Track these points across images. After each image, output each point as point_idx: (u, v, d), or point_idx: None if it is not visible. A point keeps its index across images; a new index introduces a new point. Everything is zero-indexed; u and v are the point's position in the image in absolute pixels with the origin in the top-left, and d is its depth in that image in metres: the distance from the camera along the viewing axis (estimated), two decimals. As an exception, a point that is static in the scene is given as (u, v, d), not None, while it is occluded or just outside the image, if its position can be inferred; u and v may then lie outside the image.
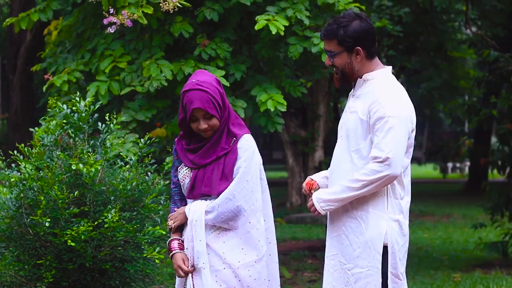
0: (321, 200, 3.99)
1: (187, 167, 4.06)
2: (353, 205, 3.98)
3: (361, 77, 4.04)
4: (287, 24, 6.67)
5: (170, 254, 4.02)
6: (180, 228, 4.07)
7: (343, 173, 4.00)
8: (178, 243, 4.03)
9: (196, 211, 3.99)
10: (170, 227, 4.07)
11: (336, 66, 4.05)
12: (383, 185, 3.90)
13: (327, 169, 4.29)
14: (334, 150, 4.13)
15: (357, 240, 3.97)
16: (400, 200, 4.00)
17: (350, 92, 4.14)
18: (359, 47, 3.99)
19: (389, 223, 3.95)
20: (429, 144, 34.14)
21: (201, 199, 4.02)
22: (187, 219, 4.02)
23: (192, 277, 3.98)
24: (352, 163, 3.98)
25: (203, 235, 3.98)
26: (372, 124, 3.92)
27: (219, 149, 4.01)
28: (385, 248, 3.96)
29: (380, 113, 3.89)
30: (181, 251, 4.02)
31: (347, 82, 4.10)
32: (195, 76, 4.03)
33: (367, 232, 3.95)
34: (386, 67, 4.09)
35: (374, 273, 3.95)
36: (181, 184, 4.08)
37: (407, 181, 4.04)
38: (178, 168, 4.09)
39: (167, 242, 4.07)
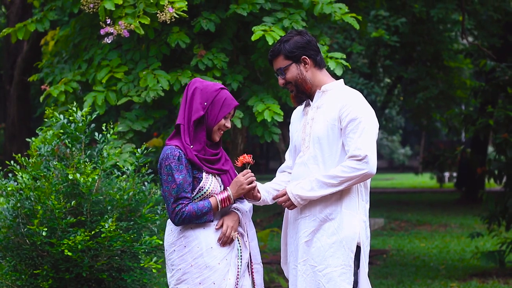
0: (298, 196, 4.07)
1: (212, 176, 4.16)
2: (327, 206, 4.07)
3: (320, 89, 4.18)
4: (283, 34, 6.69)
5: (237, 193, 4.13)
6: None
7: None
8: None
9: (244, 202, 4.26)
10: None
11: (290, 82, 4.20)
12: (359, 182, 4.02)
13: None
14: (297, 160, 4.22)
15: (329, 241, 4.05)
16: (366, 203, 4.14)
17: (306, 105, 4.25)
18: (305, 56, 4.17)
19: (360, 223, 4.07)
20: (425, 153, 34.14)
21: None
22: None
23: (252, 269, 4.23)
24: (325, 169, 4.07)
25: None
26: (344, 127, 4.04)
27: (227, 155, 4.27)
28: (357, 248, 4.06)
29: (352, 115, 4.03)
30: None
31: (303, 95, 4.24)
32: (203, 81, 4.18)
33: (341, 232, 4.03)
34: (339, 80, 4.25)
35: (347, 271, 4.03)
36: (211, 194, 4.14)
37: (368, 186, 4.19)
38: (203, 179, 4.11)
39: (220, 200, 4.10)
